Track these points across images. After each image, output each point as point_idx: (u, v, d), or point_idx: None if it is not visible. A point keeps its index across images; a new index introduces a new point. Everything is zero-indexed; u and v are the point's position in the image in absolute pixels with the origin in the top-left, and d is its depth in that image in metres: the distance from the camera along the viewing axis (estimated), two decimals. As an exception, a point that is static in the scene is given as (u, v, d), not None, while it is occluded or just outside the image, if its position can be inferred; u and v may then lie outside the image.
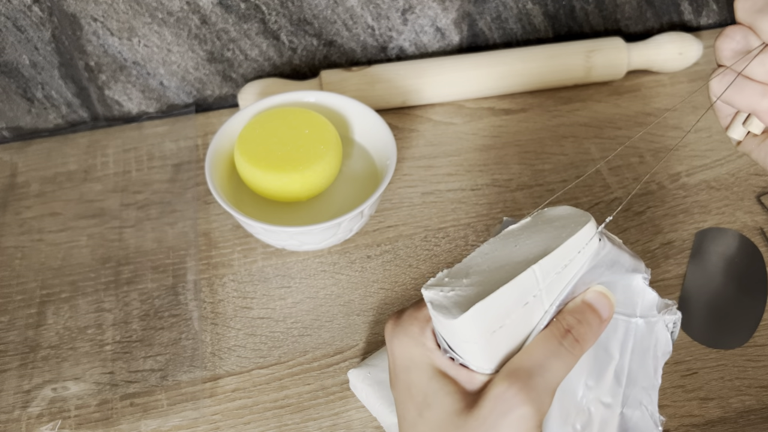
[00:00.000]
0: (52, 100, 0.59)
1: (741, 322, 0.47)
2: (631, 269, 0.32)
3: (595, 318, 0.30)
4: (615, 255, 0.31)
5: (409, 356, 0.31)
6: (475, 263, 0.30)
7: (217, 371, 0.46)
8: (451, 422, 0.29)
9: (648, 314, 0.33)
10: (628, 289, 0.32)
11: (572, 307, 0.30)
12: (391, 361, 0.32)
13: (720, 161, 0.57)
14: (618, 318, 0.32)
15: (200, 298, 0.49)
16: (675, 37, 0.63)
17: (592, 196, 0.55)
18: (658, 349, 0.33)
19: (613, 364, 0.32)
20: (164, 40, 0.57)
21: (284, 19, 0.58)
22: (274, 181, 0.47)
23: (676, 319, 0.33)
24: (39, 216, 0.54)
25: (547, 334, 0.29)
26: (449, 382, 0.30)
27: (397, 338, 0.31)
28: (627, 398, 0.32)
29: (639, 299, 0.32)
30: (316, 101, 0.54)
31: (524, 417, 0.27)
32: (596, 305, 0.30)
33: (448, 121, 0.61)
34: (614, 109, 0.62)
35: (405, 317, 0.31)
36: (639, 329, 0.33)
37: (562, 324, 0.30)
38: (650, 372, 0.33)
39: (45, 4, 0.53)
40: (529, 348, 0.29)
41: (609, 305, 0.31)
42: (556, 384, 0.29)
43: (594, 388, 0.32)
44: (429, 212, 0.54)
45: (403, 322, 0.31)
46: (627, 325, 0.32)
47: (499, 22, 0.64)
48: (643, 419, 0.33)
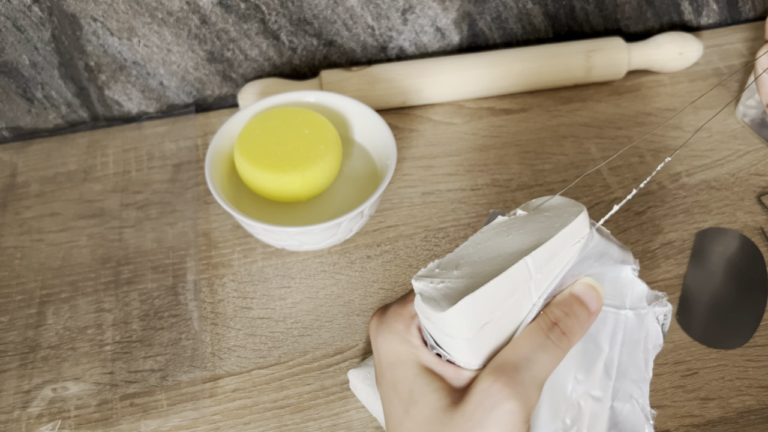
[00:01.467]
0: (52, 100, 0.59)
1: (741, 322, 0.47)
2: (620, 261, 0.31)
3: (583, 311, 0.30)
4: (604, 247, 0.30)
5: (394, 353, 0.30)
6: (467, 253, 0.30)
7: (217, 371, 0.46)
8: (437, 419, 0.28)
9: (638, 306, 0.32)
10: (617, 281, 0.32)
11: (560, 300, 0.30)
12: (376, 359, 0.32)
13: (720, 161, 0.57)
14: (607, 310, 0.32)
15: (200, 298, 0.49)
16: (675, 37, 0.63)
17: (592, 196, 0.55)
18: (648, 342, 0.33)
19: (602, 357, 0.32)
20: (164, 40, 0.57)
21: (284, 19, 0.58)
22: (274, 181, 0.47)
23: (667, 311, 0.33)
24: (39, 216, 0.54)
25: (534, 328, 0.29)
26: (435, 379, 0.29)
27: (382, 335, 0.31)
28: (617, 391, 0.32)
29: (628, 291, 0.32)
30: (316, 101, 0.54)
31: (511, 412, 0.27)
32: (584, 298, 0.30)
33: (448, 121, 0.61)
34: (614, 109, 0.62)
35: (390, 314, 0.31)
36: (629, 321, 0.32)
37: (549, 317, 0.29)
38: (641, 365, 0.32)
39: (45, 4, 0.53)
40: (516, 342, 0.29)
41: (597, 298, 0.30)
42: (544, 378, 0.28)
43: (583, 382, 0.31)
44: (429, 212, 0.54)
45: (388, 319, 0.31)
46: (616, 317, 0.32)
47: (499, 22, 0.64)
48: (633, 413, 0.32)
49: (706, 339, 0.46)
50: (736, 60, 0.66)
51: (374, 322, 0.32)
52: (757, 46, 0.67)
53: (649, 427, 0.32)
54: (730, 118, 0.60)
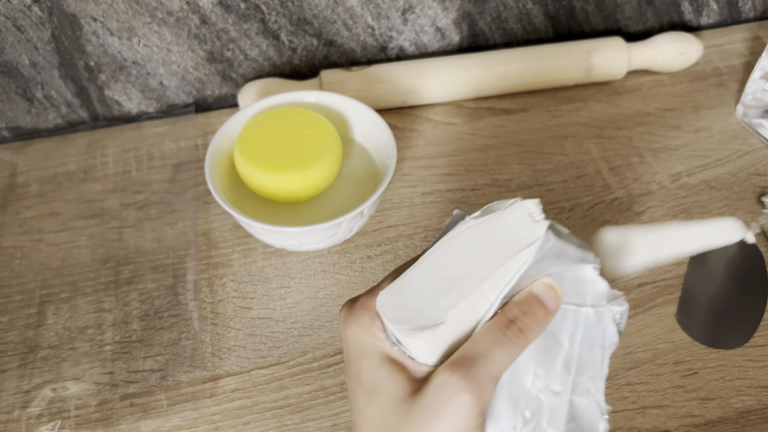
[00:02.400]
0: (52, 100, 0.59)
1: (741, 322, 0.47)
2: (579, 260, 0.32)
3: (540, 309, 0.31)
4: (560, 248, 0.31)
5: (360, 345, 0.31)
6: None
7: (217, 371, 0.46)
8: (395, 409, 0.29)
9: (598, 304, 0.33)
10: (578, 280, 0.33)
11: (518, 298, 0.31)
12: (344, 350, 0.33)
13: (720, 161, 0.57)
14: (568, 307, 0.33)
15: (200, 298, 0.49)
16: (675, 37, 0.63)
17: (592, 196, 0.55)
18: (605, 340, 0.34)
19: (562, 353, 0.33)
20: (164, 40, 0.57)
21: (284, 18, 0.58)
22: (274, 181, 0.47)
23: (623, 311, 0.34)
24: (39, 216, 0.54)
25: (491, 325, 0.30)
26: (397, 369, 0.30)
27: (349, 327, 0.32)
28: (576, 386, 0.33)
29: (590, 289, 0.33)
30: (316, 101, 0.54)
31: (465, 404, 0.28)
32: (542, 297, 0.31)
33: (448, 121, 0.61)
34: (614, 109, 0.62)
35: (357, 306, 0.32)
36: (588, 319, 0.33)
37: (507, 315, 0.30)
38: (597, 361, 0.33)
39: (45, 4, 0.53)
40: (473, 338, 0.30)
41: (556, 297, 0.31)
42: (499, 373, 0.29)
43: (543, 377, 0.32)
44: (429, 212, 0.54)
45: (355, 312, 0.32)
46: (576, 314, 0.33)
47: (500, 22, 0.64)
48: (590, 407, 0.33)
49: (706, 339, 0.46)
50: (736, 60, 0.66)
51: (343, 313, 0.33)
52: (757, 46, 0.67)
53: (603, 421, 0.33)
54: (730, 118, 0.60)
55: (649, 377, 0.44)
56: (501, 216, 0.31)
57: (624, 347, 0.46)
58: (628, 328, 0.47)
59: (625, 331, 0.46)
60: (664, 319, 0.47)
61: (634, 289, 0.49)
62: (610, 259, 0.36)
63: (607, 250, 0.36)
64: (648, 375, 0.45)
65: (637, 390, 0.44)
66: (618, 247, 0.36)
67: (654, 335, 0.46)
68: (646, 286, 0.49)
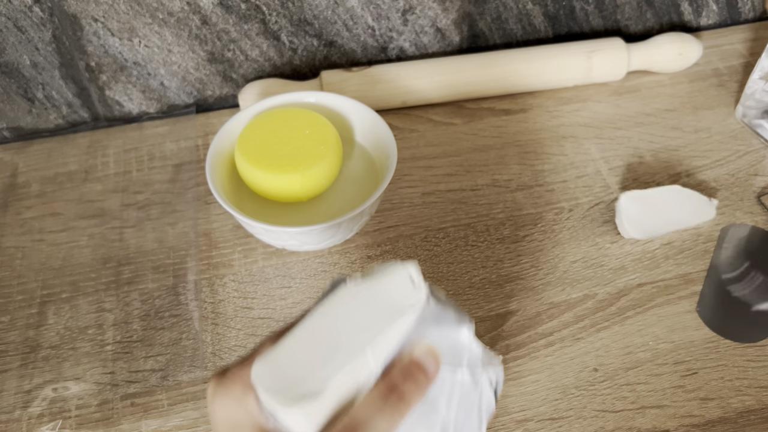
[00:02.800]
0: (53, 100, 0.59)
1: (761, 317, 0.47)
2: (456, 323, 0.33)
3: (421, 375, 0.31)
4: (439, 312, 0.32)
5: (231, 419, 0.30)
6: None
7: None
8: None
9: (474, 367, 0.33)
10: (456, 344, 0.33)
11: (399, 365, 0.31)
12: (213, 425, 0.31)
13: (720, 161, 0.57)
14: (445, 372, 0.33)
15: (201, 298, 0.49)
16: (675, 37, 0.63)
17: (592, 196, 0.55)
18: (482, 404, 0.34)
19: (440, 418, 0.32)
20: (165, 40, 0.57)
21: (285, 19, 0.58)
22: (274, 182, 0.47)
23: (498, 374, 0.34)
24: (39, 216, 0.54)
25: (373, 392, 0.29)
26: None
27: (219, 399, 0.30)
28: None
29: (466, 352, 0.33)
30: (316, 102, 0.54)
31: None
32: (423, 362, 0.31)
33: (448, 121, 0.61)
34: (614, 110, 0.62)
35: (228, 377, 0.30)
36: (465, 383, 0.33)
37: (387, 382, 0.30)
38: (475, 426, 0.34)
39: (46, 5, 0.53)
40: (356, 408, 0.29)
41: (435, 363, 0.31)
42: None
43: None
44: (429, 212, 0.54)
45: (226, 382, 0.30)
46: (453, 378, 0.33)
47: (500, 22, 0.64)
48: None
49: (725, 332, 0.46)
50: (736, 60, 0.66)
51: (212, 385, 0.31)
52: (756, 46, 0.67)
53: None
54: (730, 118, 0.60)
55: (649, 377, 0.44)
56: (382, 280, 0.31)
57: (624, 347, 0.46)
58: (628, 328, 0.47)
59: (625, 331, 0.47)
60: (664, 319, 0.47)
61: (634, 289, 0.49)
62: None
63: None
64: (648, 375, 0.45)
65: (637, 390, 0.44)
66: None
67: (654, 335, 0.46)
68: (646, 286, 0.49)
